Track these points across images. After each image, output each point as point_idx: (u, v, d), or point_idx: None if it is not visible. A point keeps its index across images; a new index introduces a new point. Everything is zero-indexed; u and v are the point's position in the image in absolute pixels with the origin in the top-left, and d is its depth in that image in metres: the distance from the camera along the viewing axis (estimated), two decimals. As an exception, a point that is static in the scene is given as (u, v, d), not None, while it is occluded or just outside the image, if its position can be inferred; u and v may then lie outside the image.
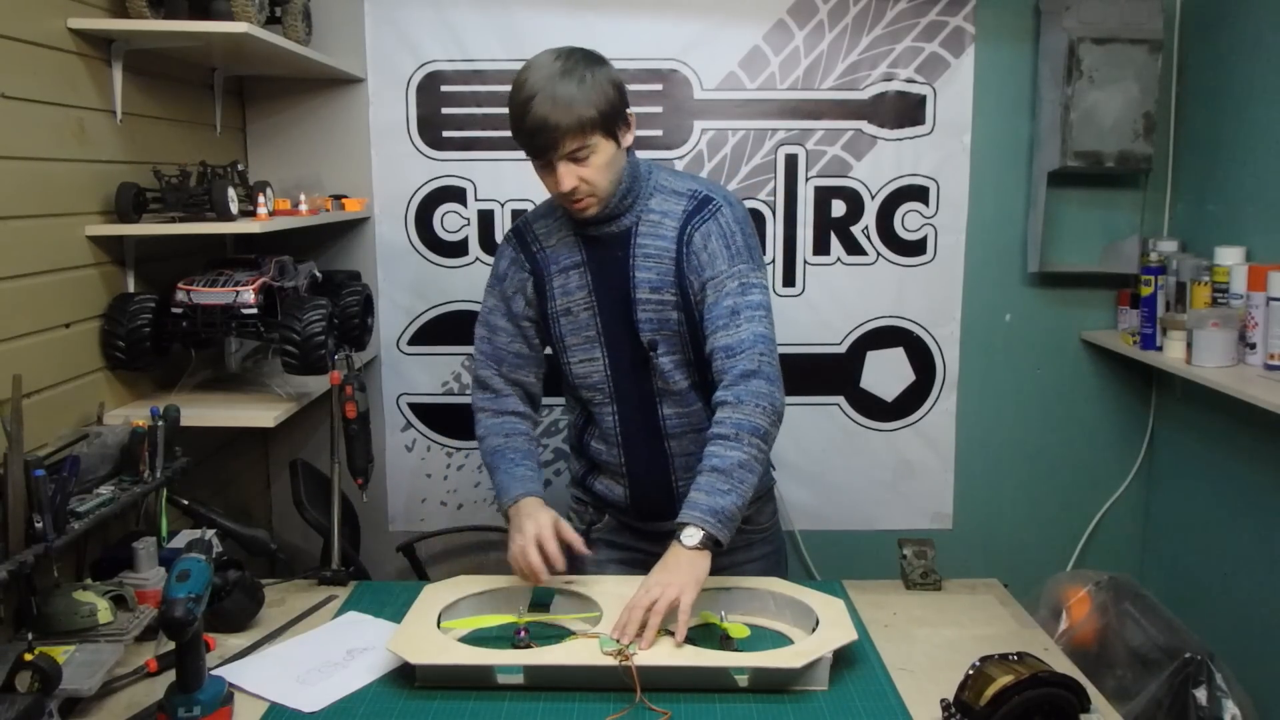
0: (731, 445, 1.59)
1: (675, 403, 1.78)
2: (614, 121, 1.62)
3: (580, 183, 1.62)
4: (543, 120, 1.57)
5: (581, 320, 1.76)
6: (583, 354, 1.78)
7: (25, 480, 1.41)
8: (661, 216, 1.71)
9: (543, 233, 1.79)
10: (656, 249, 1.70)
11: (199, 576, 1.27)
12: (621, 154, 1.66)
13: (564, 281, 1.76)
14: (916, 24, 2.58)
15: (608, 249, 1.73)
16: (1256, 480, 2.29)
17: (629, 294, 1.72)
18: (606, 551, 1.91)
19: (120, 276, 1.97)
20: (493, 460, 1.78)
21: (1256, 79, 2.30)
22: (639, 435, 1.80)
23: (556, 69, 1.58)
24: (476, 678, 1.41)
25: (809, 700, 1.39)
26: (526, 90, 1.58)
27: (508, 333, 1.81)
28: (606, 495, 1.88)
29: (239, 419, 1.99)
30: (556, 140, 1.58)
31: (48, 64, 1.74)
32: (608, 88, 1.61)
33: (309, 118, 2.60)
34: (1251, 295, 2.12)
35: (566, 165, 1.61)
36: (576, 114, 1.57)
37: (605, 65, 1.64)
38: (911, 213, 2.66)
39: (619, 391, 1.78)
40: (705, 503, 1.55)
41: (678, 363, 1.75)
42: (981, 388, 2.75)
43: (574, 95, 1.57)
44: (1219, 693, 1.94)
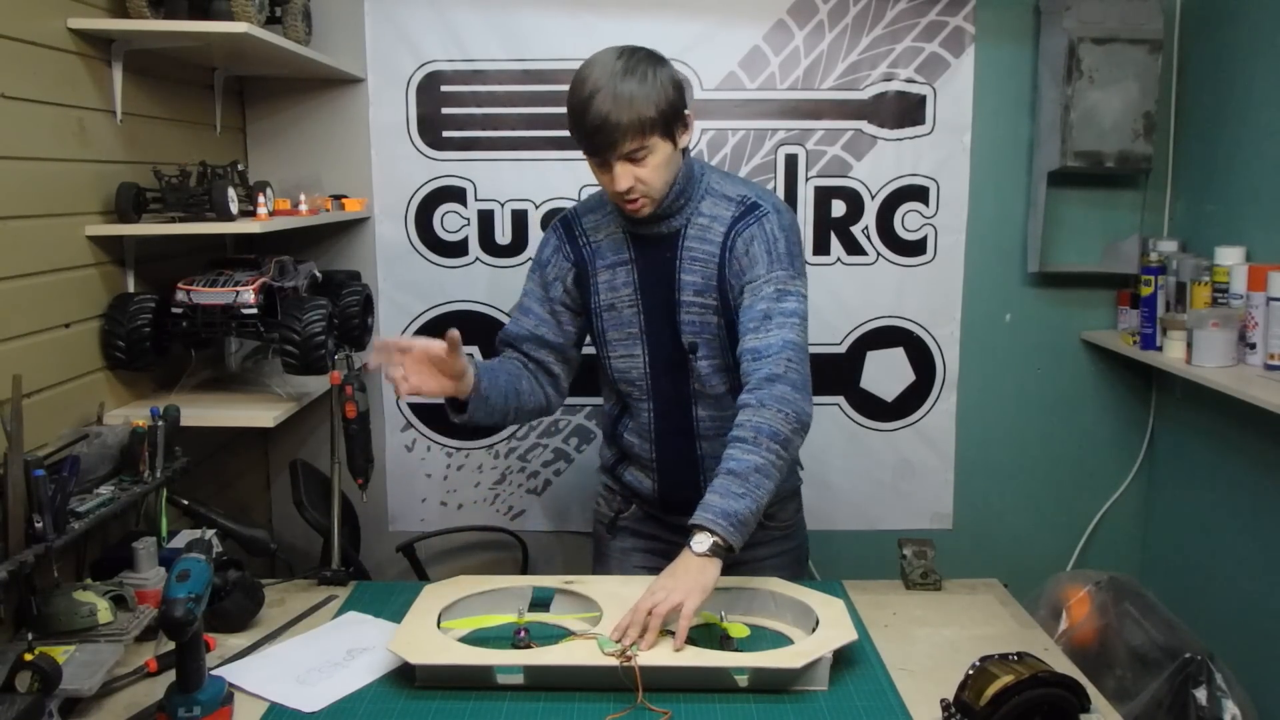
0: (749, 449, 1.56)
1: (711, 405, 1.79)
2: (673, 122, 1.62)
3: (636, 183, 1.62)
4: (603, 119, 1.56)
5: (625, 317, 1.77)
6: (624, 349, 1.79)
7: (25, 480, 1.41)
8: (710, 221, 1.71)
9: (591, 226, 1.80)
10: (703, 253, 1.71)
11: (199, 576, 1.27)
12: (678, 155, 1.66)
13: (610, 278, 1.77)
14: (916, 24, 2.58)
15: (655, 249, 1.73)
16: (1256, 480, 2.29)
17: (673, 295, 1.73)
18: (632, 540, 1.93)
19: (120, 276, 1.97)
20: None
21: (1256, 79, 2.30)
22: (672, 433, 1.81)
23: (619, 67, 1.58)
24: (476, 678, 1.41)
25: (809, 700, 1.39)
26: (588, 87, 1.57)
27: (537, 317, 1.82)
28: (635, 486, 1.90)
29: (239, 419, 1.99)
30: (616, 141, 1.58)
31: (48, 64, 1.74)
32: (669, 87, 1.61)
33: (309, 118, 2.60)
34: (1251, 295, 2.12)
35: (624, 165, 1.61)
36: (637, 114, 1.56)
37: (666, 65, 1.64)
38: (911, 213, 2.66)
39: (656, 389, 1.79)
40: (719, 505, 1.52)
41: (716, 367, 1.76)
42: (981, 388, 2.75)
43: (635, 94, 1.56)
44: (1219, 693, 1.94)
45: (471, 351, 2.67)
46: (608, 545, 1.96)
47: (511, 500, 2.77)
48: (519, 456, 2.75)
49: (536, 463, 2.75)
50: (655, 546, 1.91)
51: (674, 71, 1.65)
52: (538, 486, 2.76)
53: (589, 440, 2.72)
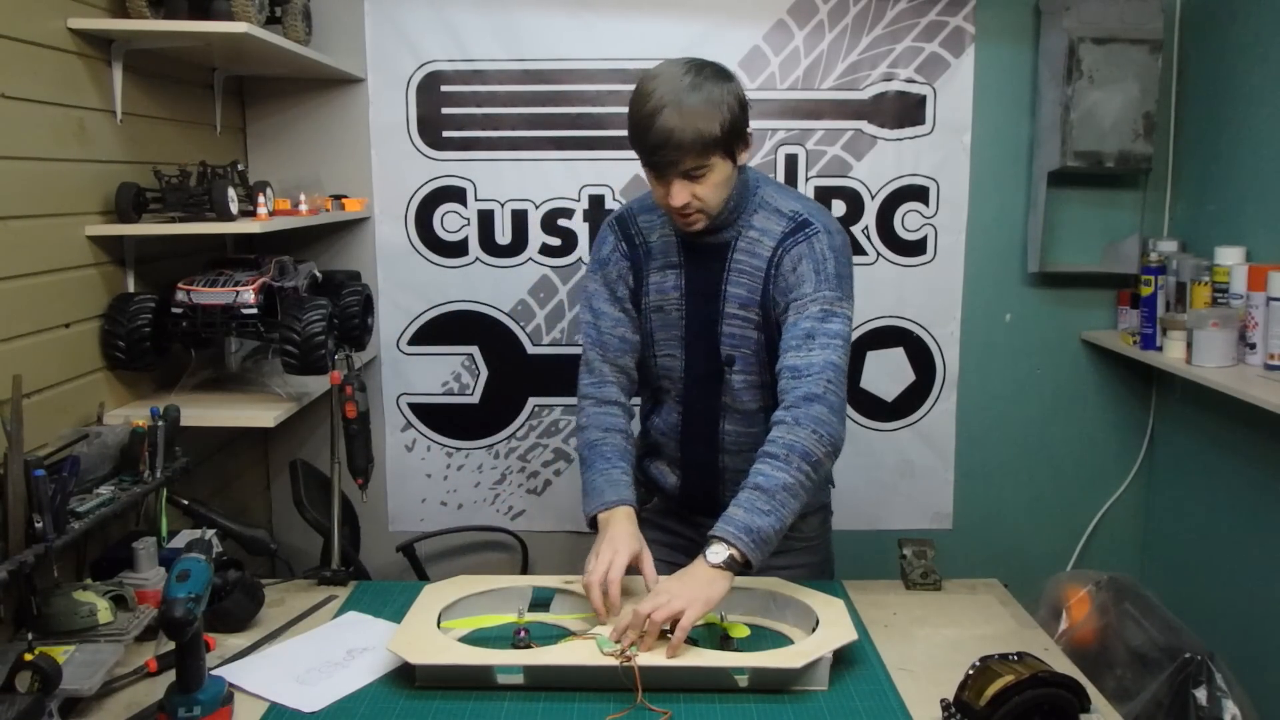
0: (779, 466, 1.55)
1: (739, 421, 1.78)
2: (735, 141, 1.60)
3: (693, 199, 1.60)
4: (667, 136, 1.54)
5: (672, 318, 1.76)
6: (668, 349, 1.78)
7: (25, 480, 1.41)
8: (760, 234, 1.70)
9: (645, 226, 1.78)
10: (750, 267, 1.70)
11: (199, 576, 1.27)
12: (735, 172, 1.64)
13: (660, 280, 1.76)
14: (916, 24, 2.58)
15: (704, 259, 1.72)
16: (1256, 480, 2.29)
17: (718, 306, 1.72)
18: (653, 533, 1.89)
19: (120, 276, 1.97)
20: (588, 455, 1.77)
21: (1256, 79, 2.30)
22: (697, 442, 1.81)
23: (685, 83, 1.55)
24: (476, 678, 1.41)
25: (809, 700, 1.39)
26: (653, 102, 1.54)
27: (611, 317, 1.80)
28: (659, 480, 1.90)
29: (239, 419, 1.99)
30: (677, 160, 1.56)
31: (48, 64, 1.74)
32: (734, 106, 1.58)
33: (309, 118, 2.60)
34: (1251, 295, 2.12)
35: (681, 182, 1.59)
36: (700, 133, 1.54)
37: (733, 81, 1.61)
38: (911, 213, 2.66)
39: (688, 397, 1.79)
40: (742, 520, 1.51)
41: (750, 383, 1.75)
42: (981, 388, 2.75)
43: (699, 113, 1.54)
44: (1219, 693, 1.94)
45: (471, 352, 2.69)
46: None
47: (511, 500, 2.77)
48: (519, 456, 2.75)
49: (536, 463, 2.75)
50: (675, 542, 1.91)
51: (739, 88, 1.61)
52: (538, 486, 2.76)
53: (589, 440, 2.72)
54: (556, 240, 2.64)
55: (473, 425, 2.73)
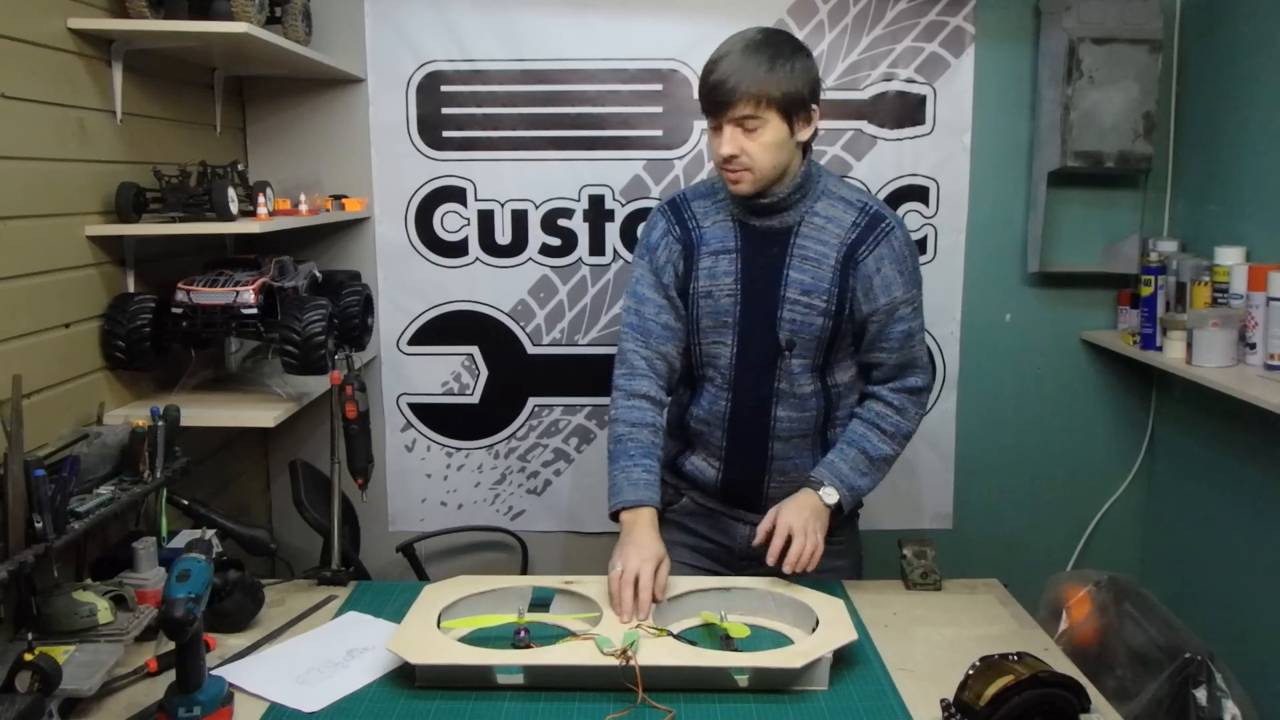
0: (886, 440, 1.75)
1: (792, 406, 1.78)
2: (793, 106, 1.63)
3: (741, 153, 1.63)
4: (724, 78, 1.60)
5: (722, 305, 1.75)
6: (715, 337, 1.78)
7: (25, 480, 1.41)
8: (826, 221, 1.72)
9: (700, 212, 1.79)
10: (816, 253, 1.71)
11: (199, 576, 1.27)
12: (792, 144, 1.66)
13: (712, 264, 1.76)
14: (916, 24, 2.58)
15: (765, 242, 1.73)
16: (1256, 480, 2.29)
17: (778, 291, 1.72)
18: (679, 534, 1.90)
19: (120, 276, 1.97)
20: (614, 450, 1.77)
21: (1256, 79, 2.30)
22: (746, 430, 1.80)
23: (758, 39, 1.63)
24: (476, 678, 1.41)
25: (809, 700, 1.39)
26: (721, 49, 1.63)
27: (655, 304, 1.80)
28: (696, 476, 1.87)
29: (239, 419, 1.99)
30: (729, 101, 1.60)
31: (48, 64, 1.74)
32: (799, 74, 1.63)
33: (309, 118, 2.60)
34: (1251, 295, 2.12)
35: (734, 130, 1.63)
36: (757, 82, 1.59)
37: (805, 56, 1.67)
38: (911, 213, 2.66)
39: (739, 383, 1.78)
40: (849, 476, 1.73)
41: (806, 367, 1.76)
42: (981, 388, 2.75)
43: (761, 65, 1.60)
44: (1219, 693, 1.94)
45: (471, 352, 2.69)
46: None
47: (511, 500, 2.77)
48: (519, 456, 2.75)
49: (536, 463, 2.75)
50: (701, 545, 1.90)
51: (810, 65, 1.67)
52: (538, 486, 2.76)
53: (589, 440, 2.72)
54: (556, 240, 2.64)
55: (473, 425, 2.73)
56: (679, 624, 1.58)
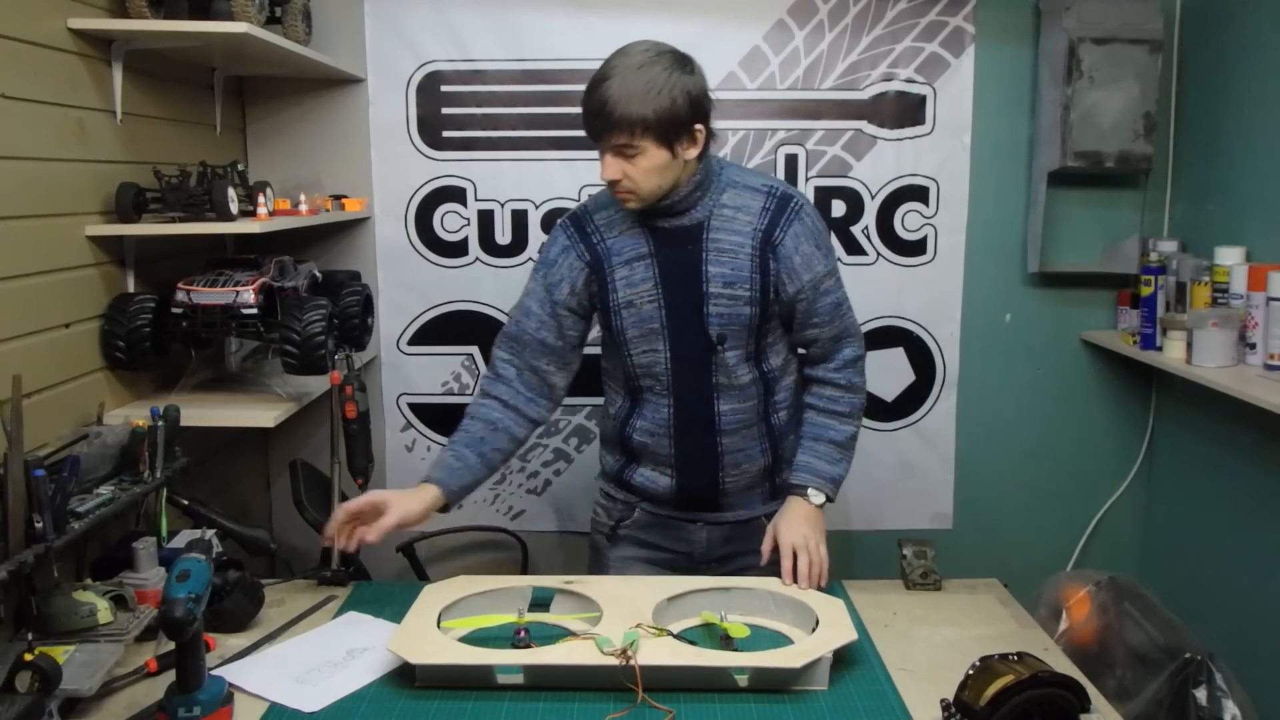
0: (847, 421, 1.80)
1: (733, 398, 1.78)
2: (671, 131, 1.61)
3: (623, 177, 1.64)
4: (599, 107, 1.60)
5: (645, 312, 1.75)
6: (645, 345, 1.77)
7: (25, 480, 1.41)
8: (735, 211, 1.72)
9: (604, 223, 1.78)
10: (731, 244, 1.71)
11: (199, 576, 1.27)
12: (676, 164, 1.65)
13: (628, 273, 1.75)
14: (916, 24, 2.58)
15: (677, 242, 1.72)
16: (1256, 480, 2.29)
17: (700, 288, 1.72)
18: (632, 549, 1.91)
19: (120, 276, 1.97)
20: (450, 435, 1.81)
21: (1256, 79, 2.30)
22: (692, 429, 1.80)
23: (637, 61, 1.60)
24: (476, 678, 1.41)
25: (809, 700, 1.39)
26: (602, 72, 1.62)
27: (538, 319, 1.79)
28: (647, 487, 1.87)
29: (239, 419, 1.99)
30: (603, 131, 1.61)
31: (48, 64, 1.74)
32: (679, 97, 1.59)
33: (309, 118, 2.60)
34: (1251, 295, 2.12)
35: (613, 157, 1.63)
36: (632, 112, 1.58)
37: (691, 75, 1.63)
38: (911, 213, 2.66)
39: (678, 385, 1.78)
40: (827, 471, 1.77)
41: (741, 357, 1.76)
42: (981, 388, 2.75)
43: (638, 93, 1.58)
44: (1219, 693, 1.94)
45: (471, 352, 2.69)
46: (606, 554, 1.93)
47: (511, 500, 2.77)
48: (519, 456, 2.74)
49: (536, 463, 2.75)
50: (656, 556, 1.90)
51: (695, 84, 1.63)
52: (538, 486, 2.76)
53: (589, 440, 2.72)
54: (556, 240, 2.64)
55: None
56: (679, 624, 1.58)
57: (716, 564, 1.88)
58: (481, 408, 1.80)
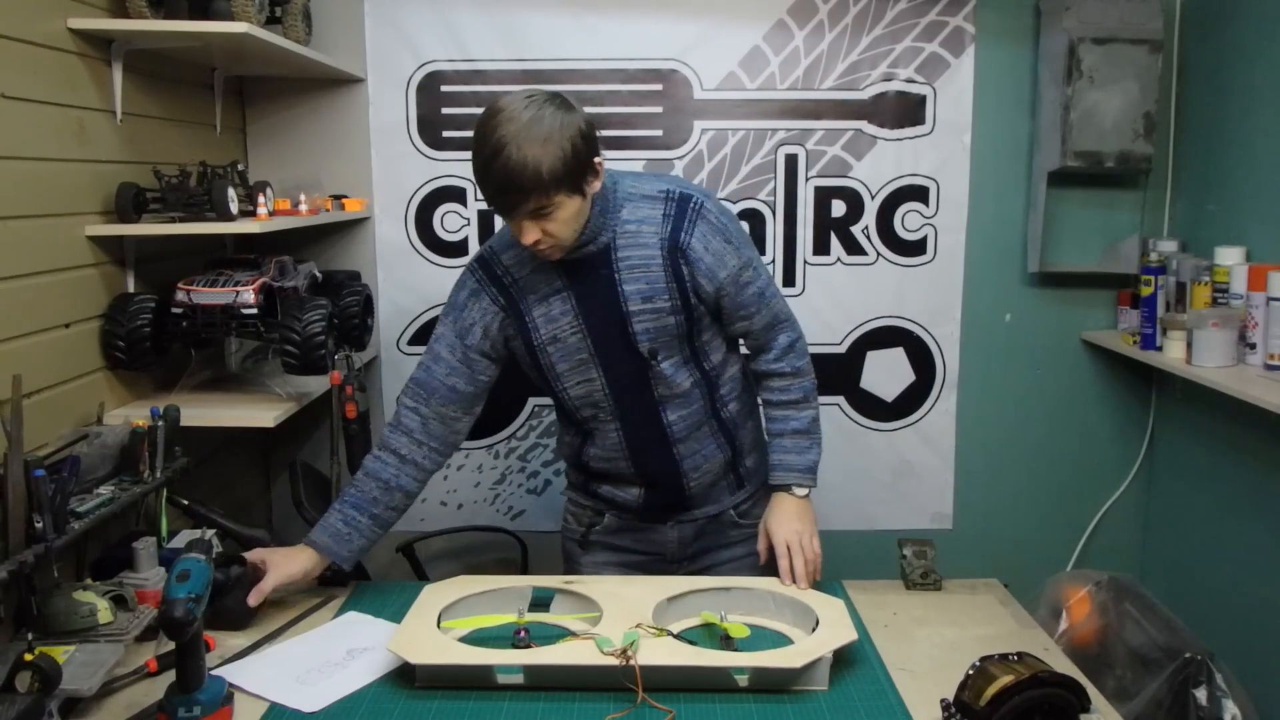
0: (803, 407, 1.81)
1: (678, 405, 1.77)
2: (580, 176, 1.55)
3: (544, 235, 1.57)
4: (506, 180, 1.50)
5: (571, 345, 1.72)
6: (578, 377, 1.74)
7: (25, 480, 1.41)
8: (639, 225, 1.67)
9: (512, 264, 1.72)
10: (640, 258, 1.67)
11: (199, 576, 1.27)
12: (587, 204, 1.61)
13: (545, 310, 1.71)
14: (916, 24, 2.58)
15: (588, 269, 1.67)
16: (1256, 480, 2.29)
17: (620, 308, 1.68)
18: (604, 554, 1.91)
19: (120, 276, 1.97)
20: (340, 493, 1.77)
21: (1256, 79, 2.30)
22: (646, 445, 1.79)
23: (524, 120, 1.50)
24: (476, 678, 1.41)
25: (809, 700, 1.39)
26: (492, 144, 1.50)
27: (448, 365, 1.75)
28: (614, 498, 1.86)
29: (239, 419, 1.99)
30: (519, 202, 1.53)
31: (48, 64, 1.74)
32: (576, 140, 1.52)
33: (309, 118, 2.60)
34: (1251, 295, 2.12)
35: (529, 221, 1.55)
36: (540, 175, 1.49)
37: (574, 113, 1.55)
38: (911, 213, 2.66)
39: (621, 407, 1.76)
40: (800, 462, 1.79)
41: (677, 365, 1.74)
42: (981, 388, 2.75)
43: (539, 155, 1.49)
44: (1219, 693, 1.94)
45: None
46: (579, 560, 1.93)
47: (511, 500, 2.77)
48: (519, 456, 2.75)
49: (536, 463, 2.75)
50: (629, 560, 1.90)
51: (581, 119, 1.55)
52: (538, 486, 2.76)
53: (589, 440, 2.72)
54: (556, 240, 2.64)
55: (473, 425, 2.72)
56: (679, 624, 1.58)
57: (689, 562, 1.89)
58: (377, 463, 1.76)
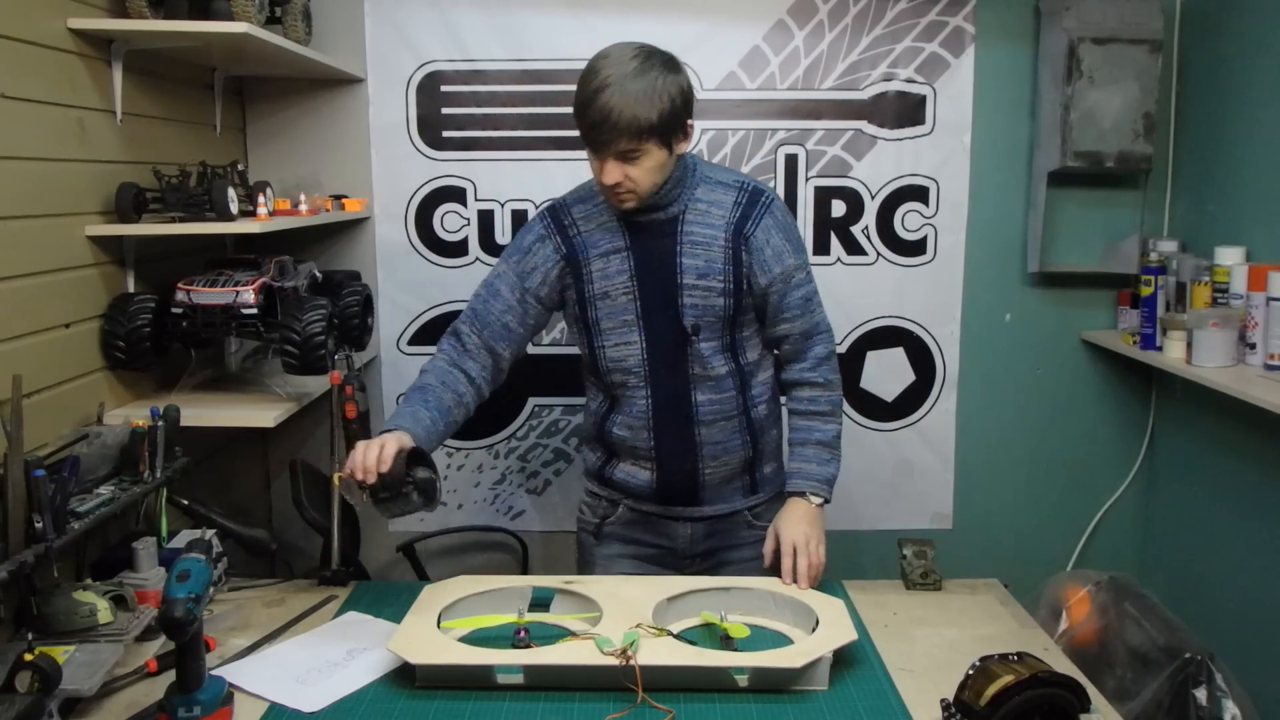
0: (829, 420, 1.84)
1: (710, 389, 1.80)
2: (671, 130, 1.65)
3: (625, 179, 1.66)
4: (604, 116, 1.60)
5: (620, 304, 1.78)
6: (618, 338, 1.80)
7: (25, 480, 1.41)
8: (709, 206, 1.76)
9: (581, 217, 1.81)
10: (705, 237, 1.75)
11: (199, 576, 1.27)
12: (672, 160, 1.70)
13: (603, 266, 1.78)
14: (916, 24, 2.58)
15: (652, 236, 1.76)
16: (1256, 480, 2.29)
17: (674, 279, 1.75)
18: (618, 546, 1.92)
19: (120, 276, 1.97)
20: (411, 393, 1.76)
21: (1256, 79, 2.30)
22: (671, 421, 1.82)
23: (631, 68, 1.61)
24: (476, 678, 1.41)
25: (809, 700, 1.39)
26: (597, 81, 1.61)
27: (505, 303, 1.82)
28: (628, 483, 1.88)
29: (239, 419, 1.99)
30: (611, 139, 1.62)
31: (48, 64, 1.74)
32: (675, 96, 1.63)
33: (309, 118, 2.60)
34: (1251, 295, 2.12)
35: (615, 162, 1.65)
36: (636, 118, 1.60)
37: (680, 72, 1.67)
38: (911, 213, 2.66)
39: (654, 376, 1.80)
40: (819, 473, 1.81)
41: (716, 349, 1.79)
42: (981, 388, 2.75)
43: (639, 98, 1.60)
44: (1219, 693, 1.94)
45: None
46: (593, 552, 1.94)
47: (511, 500, 2.77)
48: (519, 456, 2.75)
49: (536, 463, 2.75)
50: (642, 552, 1.91)
51: (685, 80, 1.67)
52: (538, 486, 2.76)
53: (589, 440, 2.72)
54: (556, 240, 2.64)
55: (473, 425, 2.71)
56: (679, 624, 1.58)
57: (700, 559, 1.91)
58: (451, 375, 1.78)
